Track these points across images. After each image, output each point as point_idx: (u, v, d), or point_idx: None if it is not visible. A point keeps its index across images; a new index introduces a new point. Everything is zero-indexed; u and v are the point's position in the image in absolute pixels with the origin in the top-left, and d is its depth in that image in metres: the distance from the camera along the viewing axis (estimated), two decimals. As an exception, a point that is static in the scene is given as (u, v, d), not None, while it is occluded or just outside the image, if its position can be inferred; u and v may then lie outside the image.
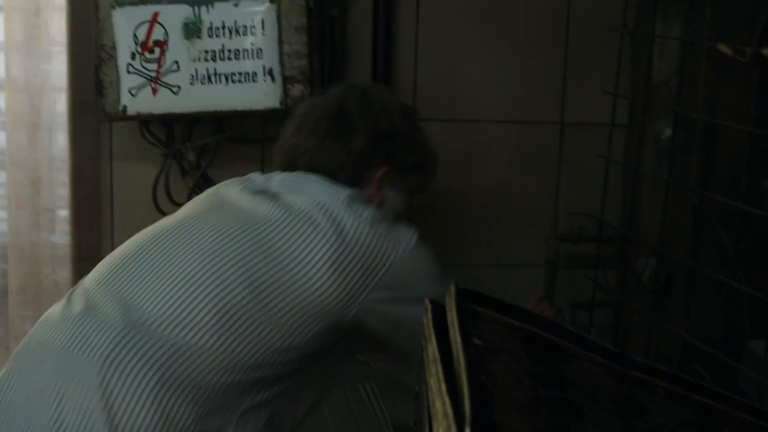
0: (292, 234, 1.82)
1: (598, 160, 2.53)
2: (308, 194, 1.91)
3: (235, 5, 2.41)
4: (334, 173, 1.99)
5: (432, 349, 1.36)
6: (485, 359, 1.38)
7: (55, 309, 1.89)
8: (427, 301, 1.48)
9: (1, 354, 2.83)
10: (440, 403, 1.22)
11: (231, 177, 2.67)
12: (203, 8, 2.41)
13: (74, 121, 2.69)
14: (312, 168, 2.01)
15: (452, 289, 1.47)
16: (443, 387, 1.25)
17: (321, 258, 1.80)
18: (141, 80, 2.45)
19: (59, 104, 2.69)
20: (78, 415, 1.68)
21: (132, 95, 2.46)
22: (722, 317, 2.14)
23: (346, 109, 2.06)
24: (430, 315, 1.45)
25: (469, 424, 1.14)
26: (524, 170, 2.77)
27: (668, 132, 2.20)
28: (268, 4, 2.40)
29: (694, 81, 2.16)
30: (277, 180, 2.01)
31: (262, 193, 1.94)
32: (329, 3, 2.59)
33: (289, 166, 2.06)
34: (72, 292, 1.91)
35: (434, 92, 2.72)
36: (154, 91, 2.45)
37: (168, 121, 2.56)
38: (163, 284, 1.79)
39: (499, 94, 2.72)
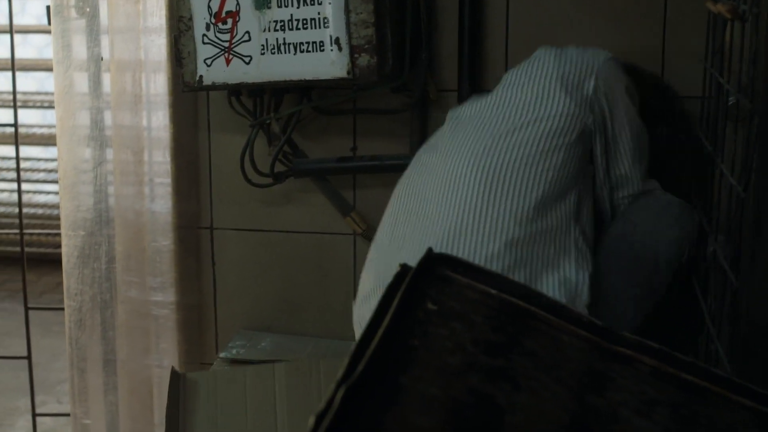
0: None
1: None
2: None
3: (303, -25, 2.41)
4: None
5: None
6: (431, 323, 1.35)
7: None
8: (398, 265, 1.46)
9: (108, 317, 2.94)
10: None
11: (322, 148, 2.73)
12: (272, -21, 2.44)
13: (174, 94, 2.77)
14: None
15: (425, 254, 1.46)
16: (353, 347, 1.23)
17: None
18: (215, 50, 2.49)
19: (158, 81, 2.78)
20: None
21: (207, 65, 2.50)
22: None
23: None
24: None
25: (346, 383, 1.12)
26: (622, 145, 2.65)
27: (731, 100, 2.07)
28: (334, -28, 2.39)
29: (760, 45, 2.02)
30: None
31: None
32: (416, -27, 2.57)
33: None
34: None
35: (526, 64, 2.64)
36: (228, 61, 2.49)
37: (253, 91, 2.60)
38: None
39: (593, 66, 2.62)
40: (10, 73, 3.05)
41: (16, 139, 3.13)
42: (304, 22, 2.42)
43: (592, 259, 2.08)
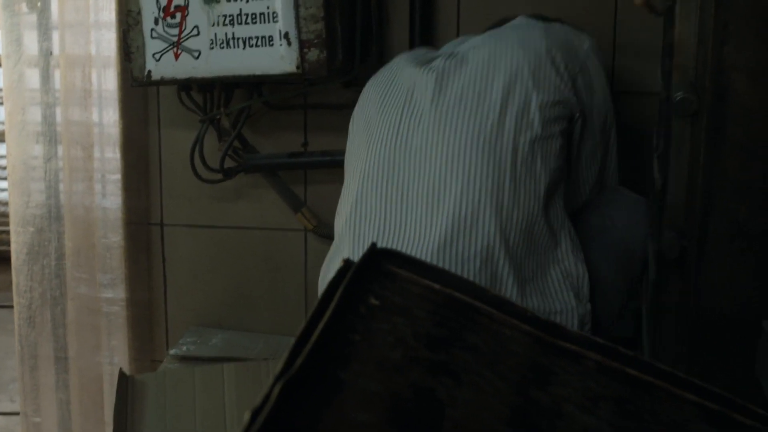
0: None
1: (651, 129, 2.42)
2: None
3: (252, -31, 2.39)
4: None
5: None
6: (373, 318, 1.34)
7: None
8: (341, 260, 1.46)
9: (58, 314, 2.91)
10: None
11: (272, 144, 2.71)
12: (221, -28, 2.42)
13: (124, 90, 2.74)
14: None
15: (368, 249, 1.46)
16: (292, 342, 1.22)
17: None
18: (164, 45, 2.47)
19: (108, 76, 2.76)
20: None
21: (156, 60, 2.48)
22: (735, 293, 2.02)
23: None
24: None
25: (283, 378, 1.11)
26: (573, 141, 2.66)
27: (679, 95, 2.07)
28: (283, -34, 2.37)
29: (706, 40, 2.03)
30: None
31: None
32: (365, -31, 2.56)
33: None
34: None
35: (477, 61, 2.64)
36: (176, 56, 2.46)
37: (203, 86, 2.58)
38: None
39: (544, 61, 2.61)
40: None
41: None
42: (253, 16, 2.40)
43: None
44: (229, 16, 2.41)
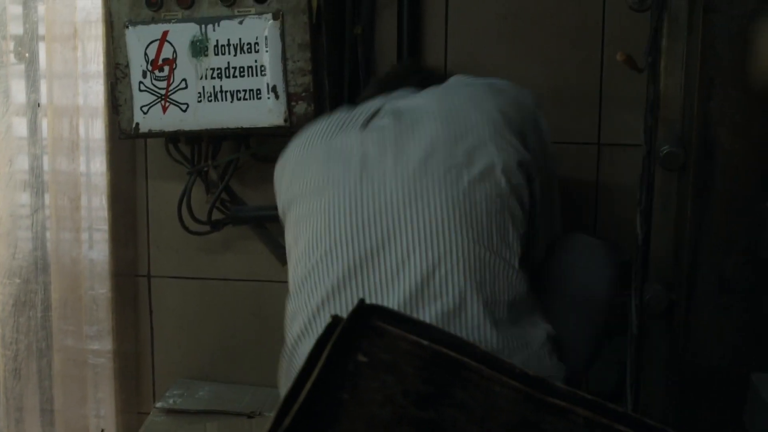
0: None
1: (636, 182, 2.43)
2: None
3: (240, 23, 2.40)
4: None
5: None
6: (362, 375, 1.34)
7: None
8: (329, 318, 1.46)
9: (44, 366, 2.89)
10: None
11: (260, 196, 2.71)
12: (210, 26, 2.42)
13: (111, 141, 2.75)
14: None
15: (356, 306, 1.46)
16: (280, 400, 1.22)
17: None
18: (152, 98, 2.48)
19: (96, 127, 2.76)
20: None
21: (144, 113, 2.49)
22: (723, 346, 2.02)
23: None
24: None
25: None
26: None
27: (665, 149, 2.08)
28: (272, 21, 2.38)
29: (692, 94, 2.04)
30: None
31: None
32: (352, 22, 2.57)
33: None
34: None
35: (465, 113, 2.65)
36: (164, 108, 2.47)
37: (191, 138, 2.59)
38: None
39: (531, 114, 2.62)
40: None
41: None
42: (241, 69, 2.41)
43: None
44: (217, 69, 2.43)
